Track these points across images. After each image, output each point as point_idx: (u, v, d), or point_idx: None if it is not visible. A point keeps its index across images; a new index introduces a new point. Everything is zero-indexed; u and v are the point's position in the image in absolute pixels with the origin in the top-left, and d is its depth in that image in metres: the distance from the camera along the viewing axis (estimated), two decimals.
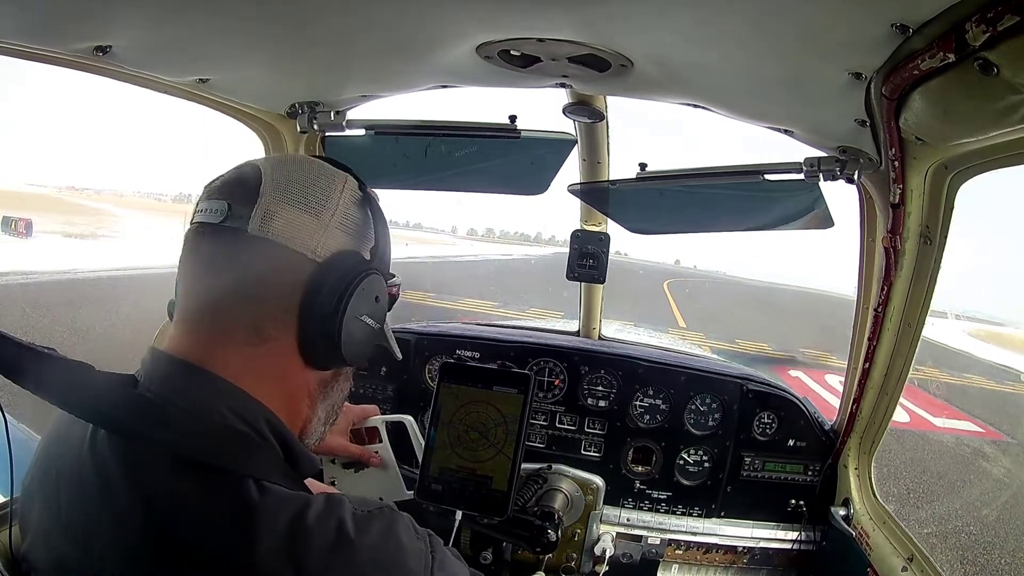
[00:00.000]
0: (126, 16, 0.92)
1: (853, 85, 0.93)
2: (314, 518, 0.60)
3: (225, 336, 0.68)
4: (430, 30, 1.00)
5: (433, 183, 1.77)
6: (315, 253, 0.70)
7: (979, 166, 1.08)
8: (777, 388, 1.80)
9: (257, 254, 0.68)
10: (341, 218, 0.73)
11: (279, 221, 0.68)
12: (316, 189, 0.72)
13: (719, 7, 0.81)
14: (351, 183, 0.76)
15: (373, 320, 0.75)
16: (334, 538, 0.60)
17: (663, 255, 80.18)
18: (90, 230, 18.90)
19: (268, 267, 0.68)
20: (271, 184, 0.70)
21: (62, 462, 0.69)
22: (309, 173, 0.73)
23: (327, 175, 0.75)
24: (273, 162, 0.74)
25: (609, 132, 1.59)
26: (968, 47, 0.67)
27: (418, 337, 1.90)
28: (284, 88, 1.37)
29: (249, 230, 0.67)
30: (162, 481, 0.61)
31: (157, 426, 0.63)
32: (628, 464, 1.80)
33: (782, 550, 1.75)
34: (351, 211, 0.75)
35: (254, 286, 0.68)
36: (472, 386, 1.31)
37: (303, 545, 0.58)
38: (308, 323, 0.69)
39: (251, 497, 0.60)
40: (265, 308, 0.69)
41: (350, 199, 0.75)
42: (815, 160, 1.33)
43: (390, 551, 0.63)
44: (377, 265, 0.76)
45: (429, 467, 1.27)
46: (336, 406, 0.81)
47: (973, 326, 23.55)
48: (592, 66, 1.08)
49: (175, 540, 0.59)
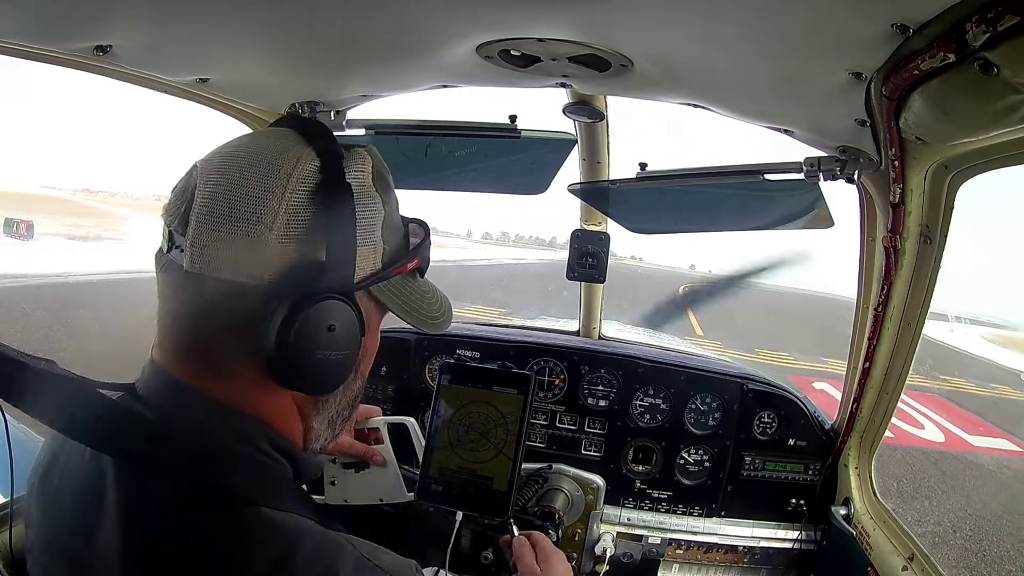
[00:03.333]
0: (126, 16, 0.92)
1: (853, 85, 0.93)
2: (302, 561, 0.56)
3: (201, 363, 0.63)
4: (430, 30, 1.00)
5: (433, 183, 1.77)
6: (256, 278, 0.60)
7: (979, 166, 1.08)
8: (777, 387, 1.80)
9: (197, 290, 0.61)
10: (282, 231, 0.60)
11: (211, 251, 0.59)
12: (249, 200, 0.60)
13: (719, 7, 0.81)
14: (304, 172, 0.62)
15: (331, 352, 0.62)
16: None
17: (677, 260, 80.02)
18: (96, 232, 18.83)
19: (210, 303, 0.61)
20: (200, 202, 0.60)
21: (65, 467, 0.68)
22: (243, 176, 0.61)
23: (263, 174, 0.61)
24: (210, 165, 0.63)
25: (609, 132, 1.59)
26: (968, 47, 0.67)
27: (418, 337, 1.90)
28: (284, 88, 1.37)
29: (185, 267, 0.60)
30: (156, 503, 0.58)
31: (154, 447, 0.60)
32: (628, 464, 1.80)
33: (782, 549, 1.75)
34: (299, 217, 0.61)
35: (204, 322, 0.62)
36: (472, 386, 1.31)
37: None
38: (267, 359, 0.60)
39: (240, 528, 0.57)
40: (221, 343, 0.62)
41: (298, 201, 0.61)
42: (815, 160, 1.33)
43: None
44: (335, 275, 0.62)
45: (429, 467, 1.27)
46: (341, 414, 0.74)
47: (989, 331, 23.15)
48: (592, 66, 1.08)
49: (163, 562, 0.57)
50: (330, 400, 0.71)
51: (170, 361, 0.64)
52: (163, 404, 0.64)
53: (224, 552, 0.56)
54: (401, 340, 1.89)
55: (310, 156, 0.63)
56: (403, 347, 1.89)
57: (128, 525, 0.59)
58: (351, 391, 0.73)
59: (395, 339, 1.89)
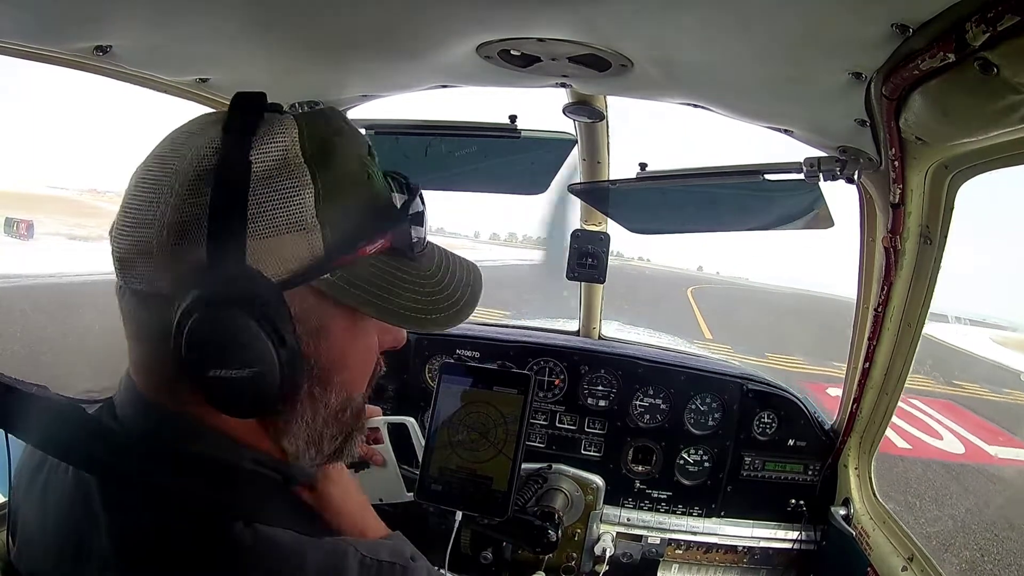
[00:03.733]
0: (126, 16, 0.92)
1: (853, 85, 0.93)
2: (314, 574, 0.52)
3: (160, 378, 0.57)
4: (430, 30, 1.00)
5: (433, 183, 1.77)
6: (158, 288, 0.52)
7: (979, 166, 1.08)
8: (777, 388, 1.80)
9: (127, 308, 0.55)
10: (172, 228, 0.51)
11: (125, 264, 0.53)
12: (144, 201, 0.52)
13: (719, 7, 0.81)
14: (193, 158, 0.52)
15: (234, 369, 0.51)
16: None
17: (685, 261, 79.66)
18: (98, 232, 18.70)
19: (139, 320, 0.55)
20: (121, 207, 0.54)
21: (52, 471, 0.63)
22: (143, 177, 0.53)
23: (157, 162, 0.53)
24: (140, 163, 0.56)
25: (609, 132, 1.59)
26: (968, 47, 0.67)
27: (418, 337, 1.90)
28: (284, 88, 1.37)
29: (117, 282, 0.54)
30: (146, 525, 0.53)
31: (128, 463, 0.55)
32: (628, 464, 1.80)
33: (782, 550, 1.75)
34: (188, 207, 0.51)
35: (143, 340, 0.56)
36: (472, 386, 1.31)
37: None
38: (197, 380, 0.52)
39: (239, 551, 0.51)
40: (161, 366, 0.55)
41: (189, 188, 0.51)
42: (815, 160, 1.33)
43: None
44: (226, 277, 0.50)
45: (429, 467, 1.27)
46: (321, 433, 0.61)
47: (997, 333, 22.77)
48: (592, 66, 1.08)
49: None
50: (294, 421, 0.58)
51: (136, 375, 0.59)
52: (136, 420, 0.58)
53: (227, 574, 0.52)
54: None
55: (213, 136, 0.53)
56: (403, 347, 1.88)
57: (118, 547, 0.54)
58: (323, 406, 0.60)
59: None
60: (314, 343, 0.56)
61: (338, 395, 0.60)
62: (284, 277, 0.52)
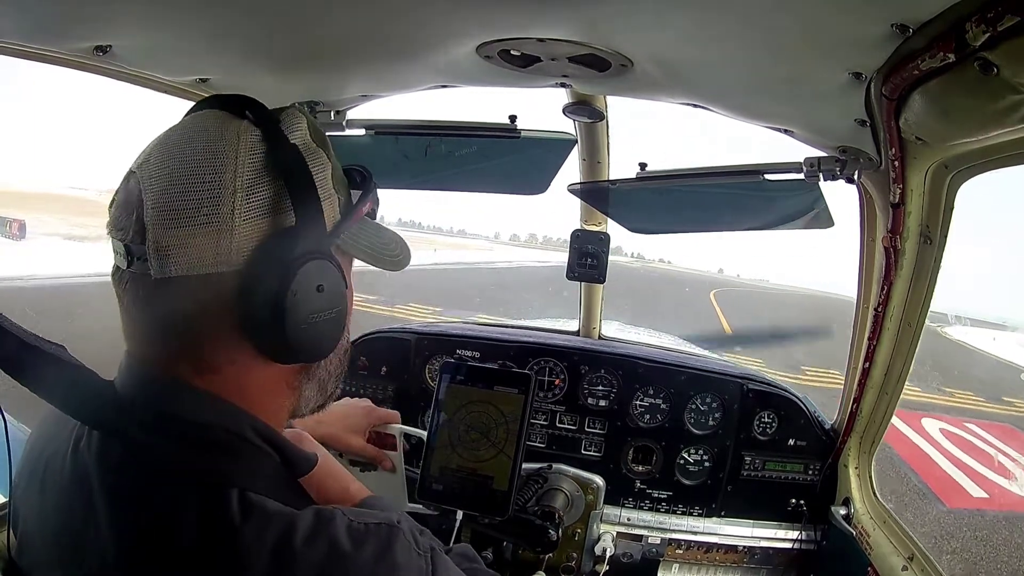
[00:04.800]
0: (126, 16, 0.92)
1: (853, 85, 0.93)
2: (301, 540, 0.55)
3: (183, 361, 0.61)
4: (430, 30, 1.00)
5: (433, 183, 1.77)
6: (229, 264, 0.58)
7: (979, 166, 1.08)
8: (777, 387, 1.80)
9: (171, 294, 0.58)
10: (244, 208, 0.58)
11: (176, 253, 0.57)
12: (201, 189, 0.58)
13: (719, 7, 0.81)
14: (250, 145, 0.60)
15: (324, 312, 0.62)
16: (324, 559, 0.55)
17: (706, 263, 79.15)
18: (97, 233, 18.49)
19: (187, 302, 0.59)
20: (151, 204, 0.57)
21: (49, 467, 0.66)
22: (188, 168, 0.58)
23: (213, 154, 0.59)
24: (148, 167, 0.60)
25: (609, 132, 1.59)
26: (968, 47, 0.67)
27: (418, 337, 1.90)
28: (284, 88, 1.37)
29: (153, 275, 0.57)
30: (145, 495, 0.58)
31: (140, 432, 0.59)
32: (628, 464, 1.80)
33: (782, 549, 1.75)
34: (262, 186, 0.59)
35: (181, 324, 0.60)
36: (473, 386, 1.31)
37: (288, 571, 0.54)
38: (257, 339, 0.60)
39: (233, 518, 0.55)
40: (202, 339, 0.60)
41: (254, 172, 0.59)
42: (815, 160, 1.33)
43: (384, 571, 0.57)
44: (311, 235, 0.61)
45: (430, 467, 1.27)
46: (332, 375, 0.72)
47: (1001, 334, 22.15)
48: (592, 66, 1.08)
49: (155, 557, 0.56)
50: (322, 363, 0.69)
51: (146, 359, 0.62)
52: (147, 396, 0.61)
53: (221, 540, 0.55)
54: (401, 340, 1.89)
55: (248, 127, 0.61)
56: (403, 347, 1.89)
57: (120, 519, 0.58)
58: (341, 349, 0.70)
59: (395, 339, 1.89)
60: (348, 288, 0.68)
61: (346, 336, 0.71)
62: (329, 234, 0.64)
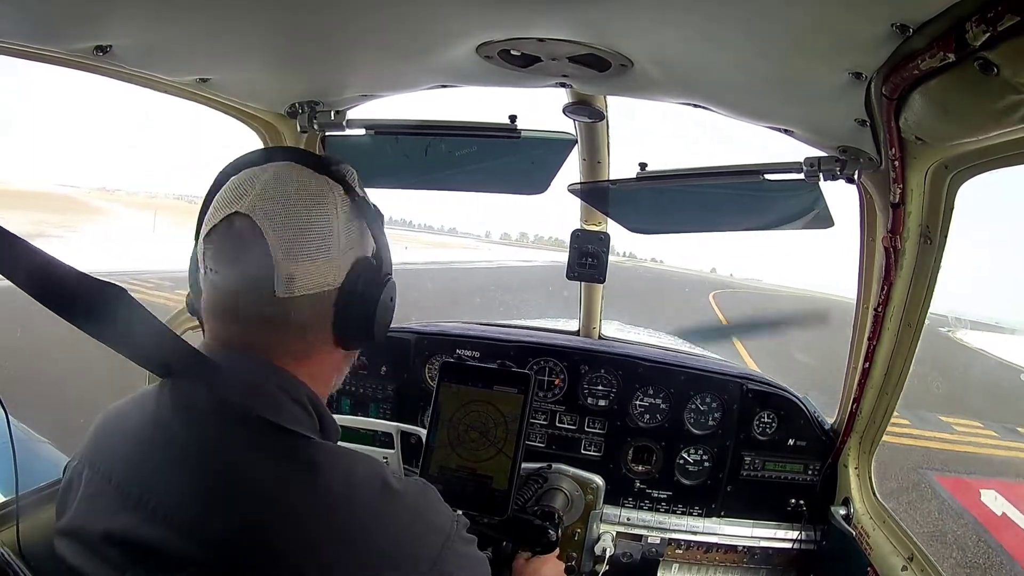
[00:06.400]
0: (126, 16, 0.92)
1: (853, 85, 0.93)
2: (363, 472, 0.71)
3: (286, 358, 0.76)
4: (430, 30, 1.00)
5: (433, 183, 1.78)
6: (333, 283, 0.76)
7: (979, 166, 1.08)
8: (777, 387, 1.80)
9: (286, 309, 0.74)
10: (346, 243, 0.77)
11: (300, 279, 0.73)
12: (320, 232, 0.75)
13: (719, 7, 0.81)
14: (340, 199, 0.78)
15: (391, 314, 0.84)
16: (380, 487, 0.70)
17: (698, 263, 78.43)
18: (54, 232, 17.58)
19: (300, 313, 0.75)
20: (277, 242, 0.72)
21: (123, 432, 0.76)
22: (304, 213, 0.74)
23: (319, 207, 0.75)
24: (264, 209, 0.73)
25: (609, 132, 1.59)
26: (968, 47, 0.67)
27: (418, 337, 1.90)
28: (284, 88, 1.37)
29: (277, 294, 0.73)
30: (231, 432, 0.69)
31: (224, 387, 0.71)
32: (628, 463, 1.80)
33: (782, 549, 1.75)
34: (352, 227, 0.78)
35: (289, 328, 0.75)
36: (472, 385, 1.31)
37: (357, 489, 0.69)
38: (344, 334, 0.78)
39: (313, 450, 0.70)
40: (308, 337, 0.77)
41: (346, 218, 0.77)
42: (815, 160, 1.33)
43: (425, 505, 0.73)
44: (382, 263, 0.81)
45: (429, 466, 1.27)
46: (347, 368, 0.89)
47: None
48: (592, 66, 1.08)
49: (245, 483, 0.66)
50: (351, 357, 0.87)
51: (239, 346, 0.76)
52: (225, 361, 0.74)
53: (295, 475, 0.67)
54: (401, 340, 1.89)
55: (334, 185, 0.78)
56: (403, 347, 1.89)
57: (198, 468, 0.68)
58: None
59: (395, 339, 1.89)
60: None
61: None
62: None
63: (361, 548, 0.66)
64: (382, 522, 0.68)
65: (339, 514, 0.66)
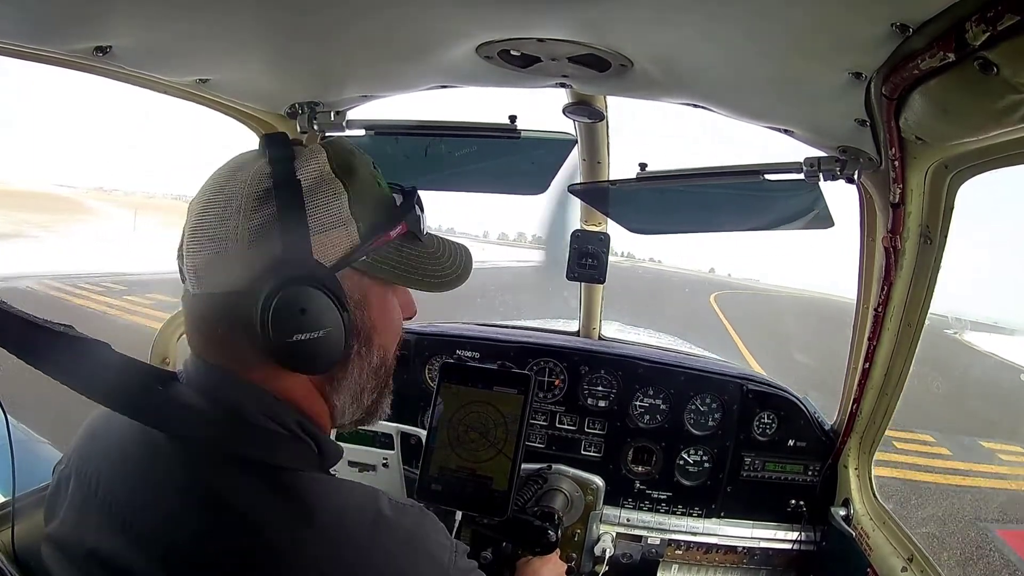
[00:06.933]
0: (126, 16, 0.92)
1: (853, 85, 0.93)
2: (355, 504, 0.67)
3: (230, 356, 0.71)
4: (430, 30, 1.00)
5: (433, 183, 1.77)
6: (242, 285, 0.67)
7: (979, 166, 1.08)
8: (777, 388, 1.80)
9: (207, 306, 0.70)
10: (246, 237, 0.67)
11: (203, 274, 0.68)
12: (217, 220, 0.67)
13: (719, 7, 0.81)
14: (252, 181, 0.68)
15: (312, 332, 0.67)
16: (372, 519, 0.66)
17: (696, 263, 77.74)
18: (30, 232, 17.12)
19: (219, 313, 0.70)
20: (189, 230, 0.69)
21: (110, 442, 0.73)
22: (210, 200, 0.68)
23: (218, 190, 0.68)
24: (193, 200, 0.70)
25: (609, 132, 1.59)
26: (968, 47, 0.67)
27: (418, 337, 1.90)
28: (284, 88, 1.37)
29: (192, 291, 0.69)
30: (217, 470, 0.65)
31: (198, 425, 0.67)
32: (628, 464, 1.80)
33: (782, 550, 1.75)
34: (256, 219, 0.67)
35: (220, 329, 0.70)
36: (472, 386, 1.31)
37: (347, 526, 0.65)
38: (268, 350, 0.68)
39: (302, 485, 0.66)
40: (239, 342, 0.69)
41: (253, 204, 0.67)
42: (815, 160, 1.33)
43: (421, 536, 0.69)
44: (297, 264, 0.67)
45: (429, 467, 1.27)
46: (365, 387, 0.79)
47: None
48: (592, 66, 1.08)
49: (231, 521, 0.63)
50: (346, 377, 0.76)
51: (205, 352, 0.72)
52: (204, 385, 0.71)
53: (283, 512, 0.63)
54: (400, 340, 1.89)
55: (261, 165, 0.69)
56: (402, 347, 1.88)
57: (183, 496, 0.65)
58: (367, 363, 0.78)
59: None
60: (359, 311, 0.74)
61: (377, 354, 0.79)
62: (334, 261, 0.70)
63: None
64: (372, 559, 0.64)
65: (328, 552, 0.63)
